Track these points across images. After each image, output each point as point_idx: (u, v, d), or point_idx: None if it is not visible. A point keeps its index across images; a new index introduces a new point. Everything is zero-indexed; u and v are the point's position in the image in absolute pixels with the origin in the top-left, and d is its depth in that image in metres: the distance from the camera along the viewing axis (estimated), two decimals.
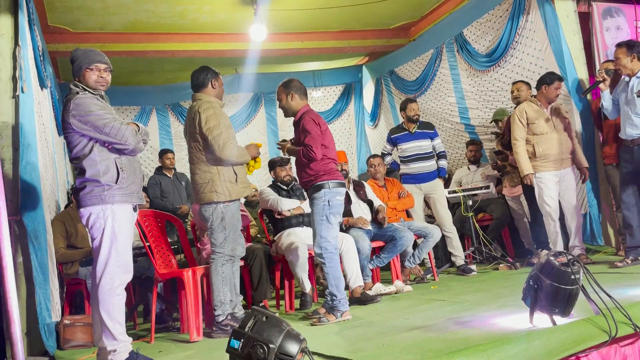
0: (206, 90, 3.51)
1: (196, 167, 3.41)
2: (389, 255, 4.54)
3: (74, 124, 2.66)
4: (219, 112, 3.41)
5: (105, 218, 2.66)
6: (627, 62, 3.93)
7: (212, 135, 3.31)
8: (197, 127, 3.36)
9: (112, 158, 2.72)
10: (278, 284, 4.48)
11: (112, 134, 2.68)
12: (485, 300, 3.42)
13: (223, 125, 3.35)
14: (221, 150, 3.30)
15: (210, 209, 3.38)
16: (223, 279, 3.38)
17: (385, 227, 4.63)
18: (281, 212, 4.38)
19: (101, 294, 2.62)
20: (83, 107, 2.67)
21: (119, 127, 2.70)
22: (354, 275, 4.07)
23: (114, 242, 2.66)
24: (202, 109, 3.37)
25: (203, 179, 3.38)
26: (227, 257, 3.39)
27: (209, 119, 3.33)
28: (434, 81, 6.62)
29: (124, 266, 2.70)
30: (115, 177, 2.70)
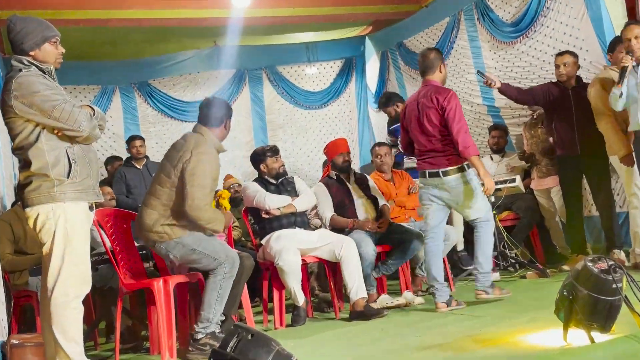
0: (215, 130, 3.57)
1: (151, 202, 3.44)
2: (397, 262, 4.54)
3: (16, 107, 2.62)
4: (214, 163, 3.48)
5: (55, 219, 2.64)
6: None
7: (191, 186, 3.33)
8: (178, 167, 3.38)
9: (63, 147, 2.69)
10: (266, 295, 4.48)
11: (62, 119, 2.65)
12: (510, 314, 3.42)
13: (210, 178, 3.41)
14: (193, 208, 3.33)
15: (163, 247, 3.44)
16: (219, 295, 3.40)
17: (392, 228, 4.63)
18: (269, 210, 4.37)
19: (54, 308, 2.61)
20: (27, 86, 2.62)
21: (70, 110, 2.66)
22: (355, 285, 4.07)
23: (68, 246, 2.65)
24: (197, 151, 3.39)
25: (150, 219, 3.42)
26: (229, 273, 3.42)
27: (197, 167, 3.36)
28: (451, 55, 6.60)
29: (81, 275, 2.69)
30: (66, 170, 2.68)
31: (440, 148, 3.96)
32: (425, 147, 4.03)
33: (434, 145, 3.97)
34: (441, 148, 3.95)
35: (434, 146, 3.98)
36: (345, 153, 4.82)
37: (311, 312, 4.50)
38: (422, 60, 4.16)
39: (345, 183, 4.78)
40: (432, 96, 3.96)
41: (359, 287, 4.07)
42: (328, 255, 4.27)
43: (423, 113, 4.00)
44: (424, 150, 4.04)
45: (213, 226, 3.48)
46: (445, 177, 3.93)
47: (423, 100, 4.02)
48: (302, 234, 4.33)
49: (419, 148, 4.10)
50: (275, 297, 4.26)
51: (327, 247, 4.26)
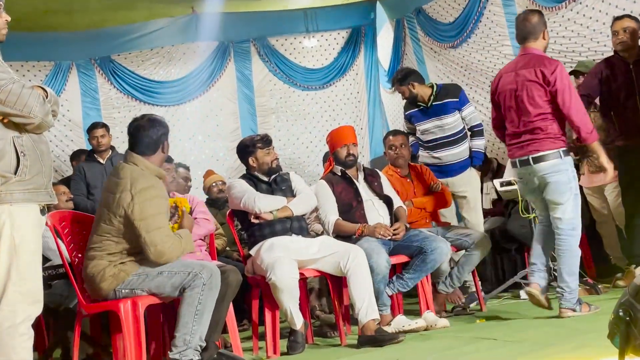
0: (151, 157, 3.62)
1: (94, 250, 3.51)
2: (416, 276, 4.54)
3: None
4: (161, 196, 3.54)
5: (0, 224, 2.64)
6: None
7: (147, 232, 3.39)
8: (119, 212, 3.44)
9: (9, 137, 2.69)
10: (256, 317, 4.48)
11: (9, 102, 2.65)
12: (554, 339, 3.43)
13: (162, 213, 3.49)
14: (158, 255, 3.42)
15: (127, 289, 3.49)
16: (198, 312, 3.42)
17: (409, 234, 4.63)
18: (259, 214, 4.37)
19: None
20: None
21: (19, 93, 2.66)
22: (365, 304, 4.07)
23: (15, 259, 2.65)
24: (137, 190, 3.44)
25: (99, 267, 3.48)
26: (208, 284, 3.45)
27: (144, 210, 3.41)
28: (480, 23, 6.60)
29: (31, 294, 2.69)
30: (13, 166, 2.67)
31: (536, 130, 4.05)
32: (519, 129, 4.12)
33: (531, 126, 4.07)
34: (538, 131, 4.04)
35: (530, 127, 4.07)
36: (351, 144, 4.81)
37: (311, 338, 4.50)
38: (522, 24, 4.20)
39: (352, 180, 4.79)
40: (536, 68, 4.03)
41: (369, 306, 4.07)
42: (332, 268, 4.27)
43: (523, 88, 4.07)
44: (516, 132, 4.15)
45: (186, 252, 3.58)
46: (536, 164, 4.04)
47: (523, 72, 4.09)
48: (300, 243, 4.33)
49: (511, 130, 4.20)
50: (268, 319, 4.25)
51: (331, 258, 4.26)
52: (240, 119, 8.04)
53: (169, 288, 3.46)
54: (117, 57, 7.71)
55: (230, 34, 7.99)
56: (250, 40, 8.10)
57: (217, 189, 6.14)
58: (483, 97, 6.76)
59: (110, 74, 7.67)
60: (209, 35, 7.86)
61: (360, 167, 4.91)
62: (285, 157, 7.61)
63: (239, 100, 8.07)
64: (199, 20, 7.79)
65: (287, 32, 8.22)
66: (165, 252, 3.43)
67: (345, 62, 8.37)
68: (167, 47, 7.86)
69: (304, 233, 4.50)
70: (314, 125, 8.26)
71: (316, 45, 8.33)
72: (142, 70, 7.80)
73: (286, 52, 8.23)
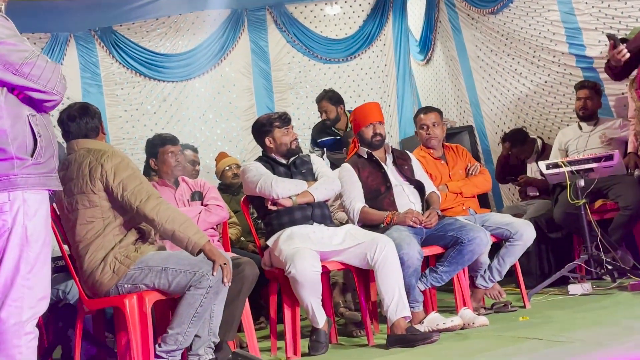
0: (98, 138, 3.78)
1: (83, 245, 3.57)
2: (452, 269, 4.54)
3: None
4: (126, 159, 3.67)
5: (13, 212, 2.64)
6: None
7: (139, 202, 3.49)
8: (97, 186, 3.53)
9: (25, 115, 2.70)
10: (274, 314, 4.51)
11: (32, 76, 2.66)
12: (607, 339, 3.41)
13: (139, 177, 3.61)
14: (161, 222, 3.48)
15: (129, 283, 3.53)
16: (196, 314, 3.46)
17: (444, 222, 4.63)
18: (277, 200, 4.39)
19: (2, 332, 2.63)
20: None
21: (44, 66, 2.69)
22: (394, 300, 4.08)
23: (26, 249, 2.67)
24: (103, 158, 3.57)
25: (95, 260, 3.54)
26: (215, 287, 3.48)
27: (121, 174, 3.52)
28: None
29: (38, 289, 2.71)
30: (30, 146, 2.68)
31: None
32: None
33: None
34: None
35: None
36: (378, 123, 4.80)
37: (335, 337, 4.52)
38: None
39: (379, 164, 4.78)
40: None
41: (400, 302, 4.08)
42: (357, 261, 4.28)
43: None
44: None
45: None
46: None
47: None
48: (322, 232, 4.35)
49: None
50: (287, 316, 4.28)
51: (357, 249, 4.27)
52: (255, 95, 8.06)
53: (174, 287, 3.50)
54: (120, 27, 7.75)
55: (244, 0, 7.98)
56: (265, 7, 8.10)
57: (232, 173, 6.17)
58: (527, 70, 6.71)
59: (112, 47, 7.71)
60: (220, 3, 7.87)
61: (388, 149, 4.90)
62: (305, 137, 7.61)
63: (253, 75, 8.09)
64: None
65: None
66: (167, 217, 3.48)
67: (371, 32, 8.34)
68: (174, 17, 7.88)
69: (327, 221, 4.51)
70: None
71: (339, 12, 8.31)
72: (146, 42, 7.83)
73: (306, 20, 8.21)
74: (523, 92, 6.87)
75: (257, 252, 5.02)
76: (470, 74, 7.49)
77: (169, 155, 4.58)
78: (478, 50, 7.30)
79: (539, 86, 6.66)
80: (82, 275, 3.60)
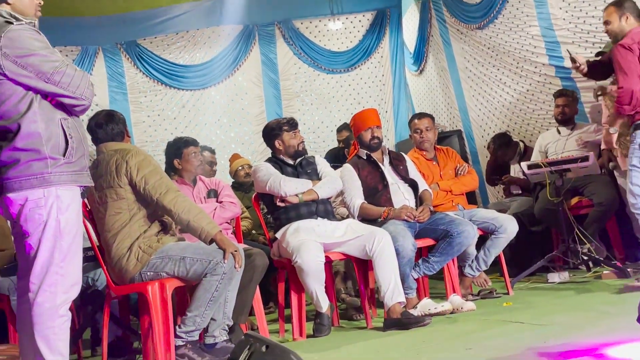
0: (124, 141, 3.80)
1: (111, 235, 3.59)
2: (442, 259, 4.54)
3: (6, 68, 2.62)
4: (149, 157, 3.70)
5: (48, 207, 2.66)
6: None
7: (160, 194, 3.52)
8: (123, 181, 3.56)
9: (57, 119, 2.71)
10: (282, 300, 4.52)
11: (63, 84, 2.67)
12: (583, 323, 3.41)
13: (160, 172, 3.64)
14: (179, 212, 3.49)
15: (151, 271, 3.54)
16: (213, 298, 3.48)
17: (435, 217, 4.62)
18: (285, 197, 4.39)
19: (38, 315, 2.64)
20: (21, 43, 2.63)
21: (73, 74, 2.70)
22: (390, 287, 4.08)
23: (59, 241, 2.68)
24: (128, 156, 3.60)
25: (122, 249, 3.55)
26: (229, 274, 3.49)
27: (144, 169, 3.56)
28: (507, 4, 6.52)
29: (70, 276, 2.72)
30: (62, 147, 2.69)
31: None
32: None
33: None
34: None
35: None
36: (375, 127, 4.80)
37: (337, 320, 4.53)
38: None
39: (377, 164, 4.78)
40: None
41: (395, 289, 4.08)
42: (357, 251, 4.29)
43: None
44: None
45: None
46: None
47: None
48: (325, 226, 4.35)
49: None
50: (294, 302, 4.28)
51: (356, 241, 4.27)
52: (265, 102, 8.06)
53: (191, 274, 3.51)
54: (143, 41, 7.77)
55: (255, 17, 7.99)
56: (275, 23, 8.10)
57: (244, 173, 6.17)
58: (510, 79, 6.70)
59: (137, 58, 7.73)
60: (234, 19, 7.87)
61: (385, 151, 4.90)
62: (310, 140, 7.63)
63: (264, 84, 8.09)
64: (224, 3, 7.81)
65: (312, 14, 8.20)
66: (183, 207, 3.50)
67: (370, 45, 8.34)
68: (192, 31, 7.89)
69: (330, 216, 4.51)
70: (338, 108, 8.26)
71: (341, 27, 8.29)
72: (167, 54, 7.85)
73: (311, 35, 8.21)
74: (507, 100, 6.86)
75: (266, 244, 5.02)
76: (459, 83, 7.47)
77: (192, 156, 4.57)
78: (466, 61, 7.29)
79: (522, 94, 6.64)
80: (110, 263, 3.61)
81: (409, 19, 8.30)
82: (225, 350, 3.49)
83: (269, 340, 2.31)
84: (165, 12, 7.78)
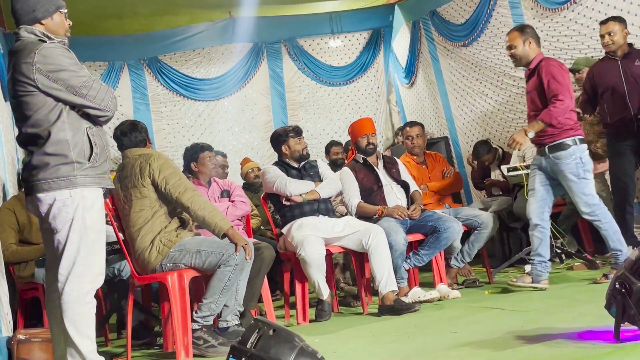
0: (146, 147, 3.80)
1: (136, 230, 3.59)
2: (431, 252, 4.54)
3: (39, 81, 2.64)
4: (169, 160, 3.72)
5: (74, 206, 2.67)
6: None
7: (180, 193, 3.53)
8: (146, 181, 3.57)
9: (84, 128, 2.73)
10: (287, 288, 4.51)
11: (89, 97, 2.69)
12: (556, 309, 3.41)
13: (179, 174, 3.65)
14: (196, 209, 3.49)
15: (171, 262, 3.55)
16: (225, 287, 3.49)
17: (424, 215, 4.62)
18: (290, 197, 4.39)
19: (67, 304, 2.65)
20: (53, 60, 2.65)
21: (98, 89, 2.72)
22: (384, 277, 4.09)
23: (84, 236, 2.69)
24: (152, 159, 3.62)
25: (145, 243, 3.56)
26: (240, 265, 3.50)
27: (166, 171, 3.57)
28: (490, 24, 6.52)
29: (95, 267, 2.73)
30: (88, 153, 2.71)
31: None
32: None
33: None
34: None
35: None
36: (371, 134, 4.80)
37: (336, 307, 4.53)
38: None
39: (372, 167, 4.78)
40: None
41: (389, 279, 4.09)
42: (355, 245, 4.29)
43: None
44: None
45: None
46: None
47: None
48: (326, 222, 4.35)
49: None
50: (298, 290, 4.29)
51: (354, 236, 4.27)
52: (273, 112, 8.04)
53: (206, 265, 3.51)
54: (164, 57, 7.76)
55: (264, 35, 7.98)
56: (281, 41, 8.09)
57: (254, 175, 6.16)
58: (492, 91, 6.70)
59: (158, 73, 7.72)
60: (245, 37, 7.87)
61: (379, 155, 4.90)
62: (312, 146, 7.61)
63: (271, 96, 8.08)
64: (236, 23, 7.81)
65: (314, 33, 8.20)
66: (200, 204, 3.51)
67: (366, 61, 8.33)
68: (207, 48, 7.89)
69: (330, 214, 4.51)
70: (338, 117, 8.25)
71: (340, 45, 8.29)
72: (185, 69, 7.84)
73: (313, 51, 8.21)
74: (488, 110, 6.85)
75: (274, 238, 5.01)
76: (446, 94, 7.46)
77: (207, 159, 4.57)
78: (452, 75, 7.29)
79: (502, 104, 6.64)
80: (134, 255, 3.62)
81: (401, 37, 8.30)
82: (236, 334, 3.49)
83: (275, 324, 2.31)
84: (183, 32, 7.79)
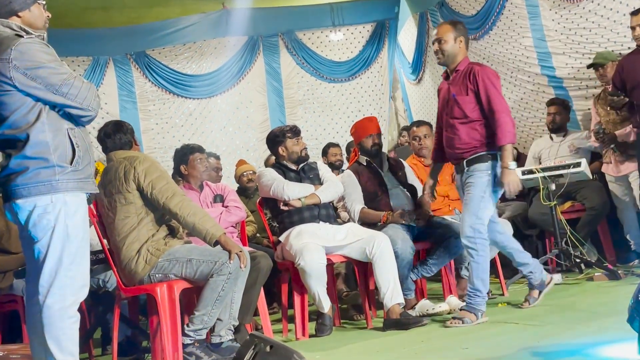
0: (132, 149, 3.82)
1: (120, 238, 3.60)
2: (440, 261, 4.54)
3: (17, 80, 2.62)
4: (157, 164, 3.73)
5: (56, 213, 2.66)
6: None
7: (166, 199, 3.54)
8: (131, 186, 3.58)
9: (65, 129, 2.72)
10: (285, 301, 4.51)
11: (70, 95, 2.68)
12: (574, 323, 3.40)
13: (167, 178, 3.66)
14: (185, 217, 3.49)
15: (159, 272, 3.55)
16: (219, 298, 3.49)
17: (433, 221, 4.62)
18: (288, 202, 4.39)
19: (48, 318, 2.64)
20: (31, 56, 2.63)
21: (80, 87, 2.70)
22: (390, 288, 4.08)
23: (67, 245, 2.68)
24: (137, 162, 3.62)
25: (131, 252, 3.56)
26: (234, 273, 3.50)
27: (152, 175, 3.58)
28: (502, 16, 6.53)
29: (79, 278, 2.72)
30: (70, 155, 2.70)
31: None
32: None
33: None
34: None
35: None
36: (375, 134, 4.80)
37: (338, 321, 4.52)
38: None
39: (377, 170, 4.78)
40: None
41: (395, 291, 4.08)
42: (358, 254, 4.28)
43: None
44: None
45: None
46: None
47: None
48: (327, 230, 4.34)
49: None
50: (297, 302, 4.28)
51: (357, 244, 4.27)
52: (269, 110, 8.06)
53: (198, 275, 3.51)
54: (152, 52, 7.78)
55: (259, 28, 8.01)
56: (278, 34, 8.12)
57: (247, 179, 6.15)
58: (505, 88, 6.66)
59: (146, 68, 7.74)
60: (239, 30, 7.89)
61: (384, 158, 4.90)
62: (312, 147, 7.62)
63: (267, 93, 8.10)
64: (229, 15, 7.83)
65: (314, 26, 8.22)
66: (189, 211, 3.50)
67: (370, 56, 8.35)
68: (199, 42, 7.91)
69: (331, 220, 4.51)
70: (339, 116, 8.26)
71: (342, 38, 8.31)
72: (175, 64, 7.86)
73: (313, 45, 8.23)
74: None
75: (270, 247, 5.02)
76: None
77: (198, 162, 4.57)
78: None
79: (516, 102, 6.64)
80: (120, 265, 3.62)
81: (407, 30, 8.32)
82: (231, 350, 3.49)
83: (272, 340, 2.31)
84: (173, 24, 7.81)
